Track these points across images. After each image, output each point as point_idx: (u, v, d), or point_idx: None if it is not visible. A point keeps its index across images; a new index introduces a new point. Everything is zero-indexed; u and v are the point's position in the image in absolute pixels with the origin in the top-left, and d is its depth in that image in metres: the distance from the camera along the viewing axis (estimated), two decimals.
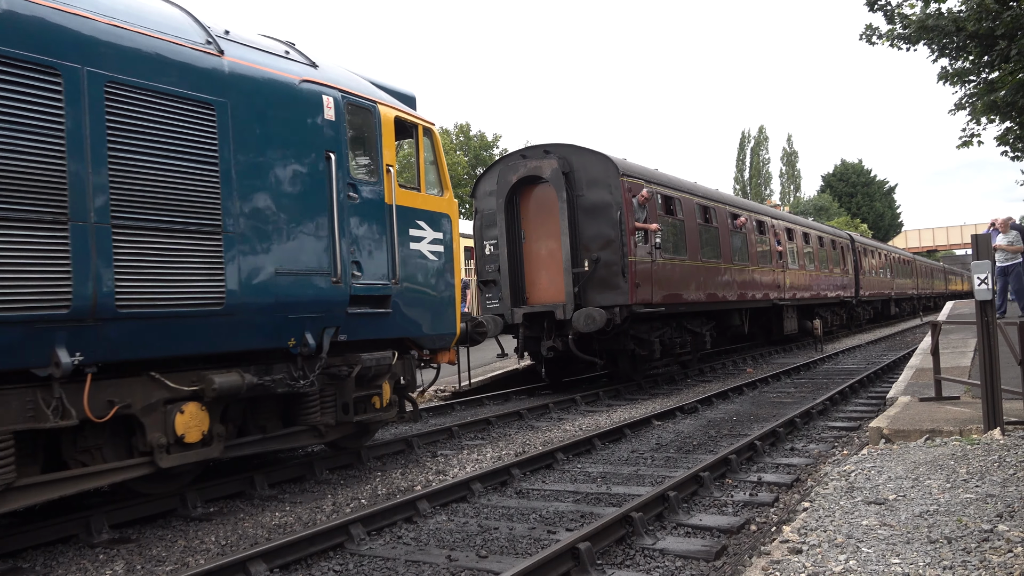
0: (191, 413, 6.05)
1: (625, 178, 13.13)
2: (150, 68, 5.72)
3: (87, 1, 5.51)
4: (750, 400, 12.22)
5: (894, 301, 37.78)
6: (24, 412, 5.13)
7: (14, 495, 5.14)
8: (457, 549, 5.24)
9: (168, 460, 5.98)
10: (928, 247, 74.26)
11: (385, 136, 7.77)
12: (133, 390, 5.77)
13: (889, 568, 3.85)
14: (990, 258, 7.03)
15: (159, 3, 6.45)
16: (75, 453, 5.76)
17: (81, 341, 5.22)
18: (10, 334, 4.87)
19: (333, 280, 6.99)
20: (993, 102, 14.53)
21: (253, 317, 6.34)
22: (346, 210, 7.18)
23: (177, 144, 5.84)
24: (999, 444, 6.24)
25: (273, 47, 7.15)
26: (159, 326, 5.70)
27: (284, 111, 6.71)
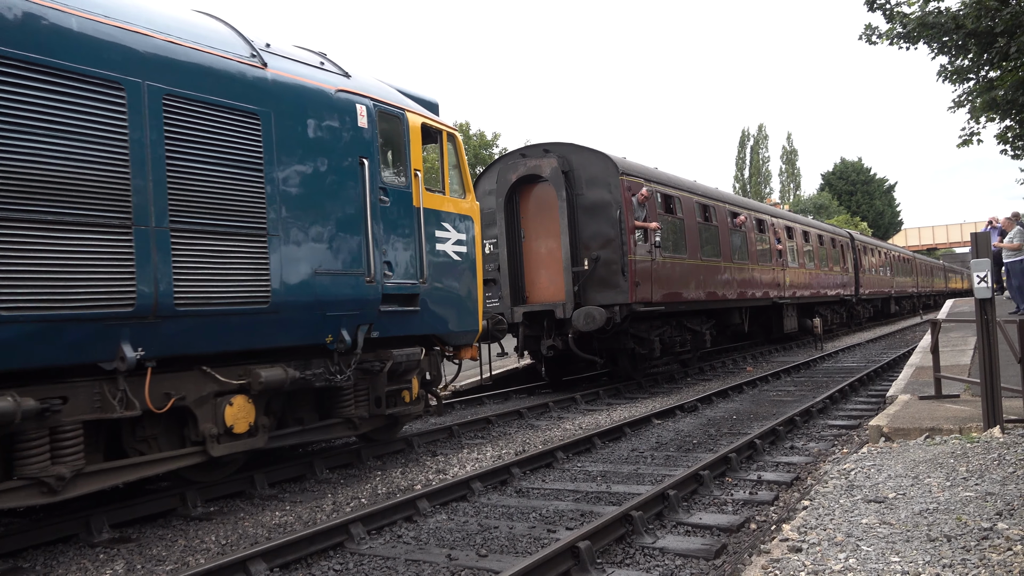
0: (239, 405, 6.46)
1: (625, 177, 13.13)
2: (202, 81, 6.12)
3: (146, 19, 5.91)
4: (750, 398, 12.22)
5: (894, 299, 37.78)
6: (92, 403, 5.51)
7: (84, 480, 5.54)
8: (457, 548, 5.24)
9: (219, 449, 6.37)
10: (928, 245, 74.24)
11: (413, 142, 8.14)
12: (186, 383, 6.15)
13: (889, 566, 3.85)
14: (990, 256, 7.02)
15: (206, 18, 6.88)
16: (134, 443, 6.15)
17: (143, 337, 5.61)
18: (81, 331, 5.25)
19: (367, 280, 7.34)
20: (993, 100, 14.53)
21: (295, 315, 6.71)
22: (378, 213, 7.54)
23: (227, 152, 6.22)
24: (999, 442, 6.24)
25: (309, 58, 7.51)
26: (212, 323, 6.07)
27: (322, 119, 7.08)
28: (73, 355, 5.31)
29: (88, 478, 5.61)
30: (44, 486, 5.30)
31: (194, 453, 6.31)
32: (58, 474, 5.31)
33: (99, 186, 5.34)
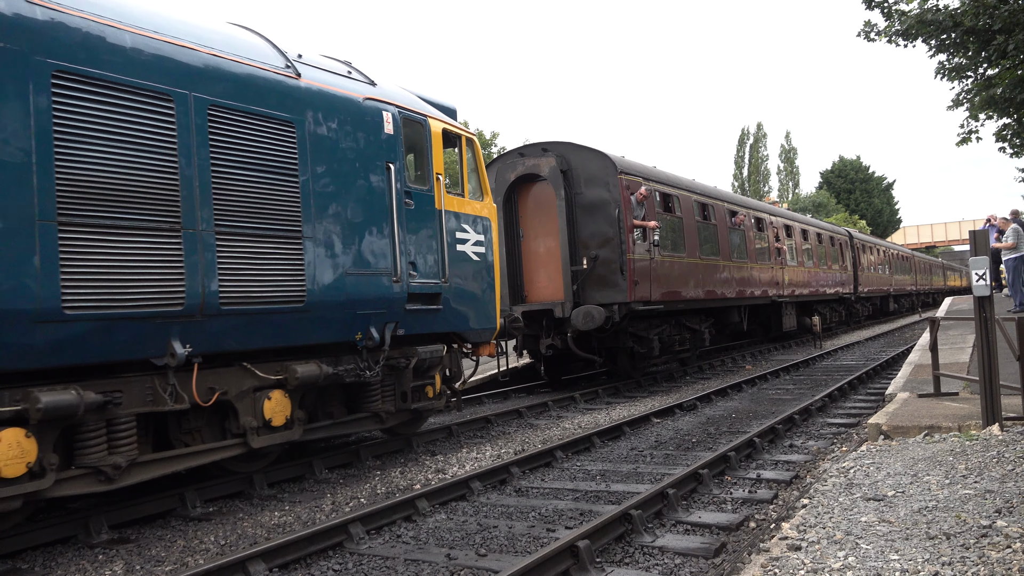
0: (277, 399, 6.78)
1: (623, 176, 13.13)
2: (243, 92, 6.44)
3: (190, 33, 6.24)
4: (749, 397, 12.22)
5: (893, 297, 37.80)
6: (144, 397, 5.85)
7: (136, 470, 5.87)
8: (456, 548, 5.24)
9: (258, 441, 6.68)
10: (927, 243, 74.27)
11: (435, 147, 8.48)
12: (228, 378, 6.46)
13: (888, 564, 3.85)
14: (988, 254, 7.02)
15: (243, 31, 7.22)
16: (179, 434, 6.47)
17: (191, 335, 5.93)
18: (136, 329, 5.59)
19: (393, 279, 7.68)
20: (991, 98, 14.52)
21: (328, 313, 7.04)
22: (403, 215, 7.87)
23: (265, 158, 6.55)
24: (998, 440, 6.24)
25: (337, 68, 7.80)
26: (252, 321, 6.41)
27: (351, 127, 7.40)
28: (128, 351, 5.63)
29: (141, 467, 5.93)
30: (102, 475, 5.60)
31: (235, 445, 6.62)
32: (115, 463, 5.62)
33: (152, 192, 5.67)
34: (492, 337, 9.60)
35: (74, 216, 5.19)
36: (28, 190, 4.97)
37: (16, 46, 5.01)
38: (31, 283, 4.96)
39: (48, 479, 5.25)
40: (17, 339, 4.96)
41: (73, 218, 5.19)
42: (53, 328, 5.10)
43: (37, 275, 4.98)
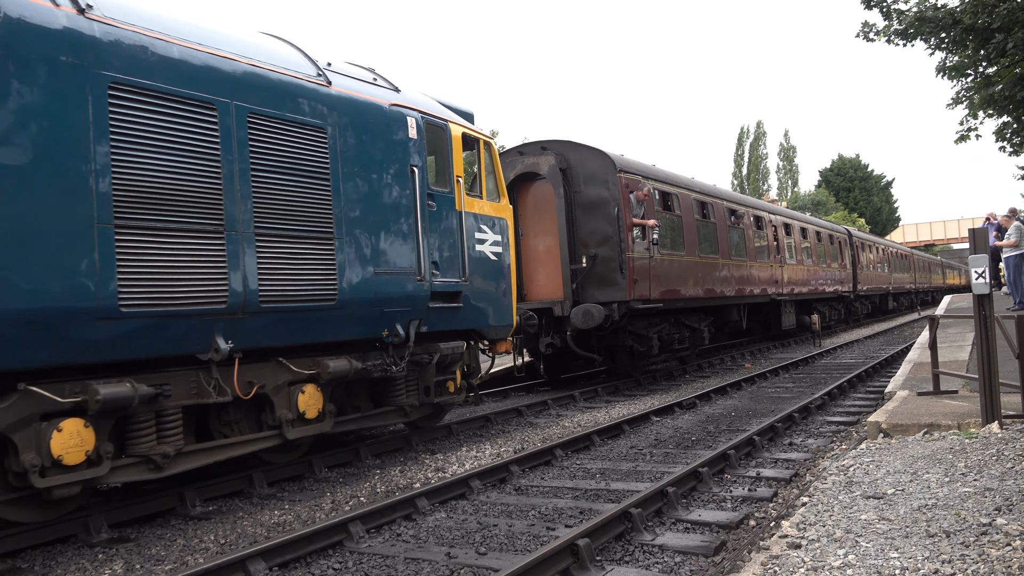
0: (310, 393, 7.09)
1: (622, 174, 13.12)
2: (279, 100, 6.78)
3: (230, 44, 6.57)
4: (748, 395, 12.23)
5: (892, 296, 37.80)
6: (190, 390, 6.18)
7: (182, 459, 6.20)
8: (456, 546, 5.24)
9: (293, 432, 7.00)
10: (926, 241, 74.30)
11: (455, 150, 8.83)
12: (265, 373, 6.78)
13: (888, 562, 3.85)
14: (988, 252, 7.02)
15: (276, 41, 7.54)
16: (219, 426, 6.77)
17: (233, 331, 6.25)
18: (184, 325, 5.91)
19: (418, 278, 8.02)
20: (990, 96, 14.51)
21: (357, 311, 7.37)
22: (427, 216, 8.22)
23: (299, 163, 6.88)
24: (997, 438, 6.24)
25: (363, 75, 8.15)
26: (289, 318, 6.74)
27: (378, 132, 7.75)
28: (176, 347, 5.95)
29: (186, 457, 6.26)
30: (151, 463, 5.95)
31: (272, 436, 6.94)
32: (164, 452, 5.97)
33: (198, 196, 6.00)
34: (509, 334, 9.91)
35: (129, 219, 5.53)
36: (88, 195, 5.31)
37: (77, 60, 5.33)
38: (91, 283, 5.28)
39: (104, 467, 5.61)
40: (79, 335, 5.27)
41: (128, 221, 5.52)
42: (111, 325, 5.43)
43: (96, 275, 5.31)
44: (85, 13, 5.47)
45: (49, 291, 5.08)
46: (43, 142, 5.12)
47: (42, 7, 5.25)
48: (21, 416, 5.17)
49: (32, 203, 5.03)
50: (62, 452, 5.26)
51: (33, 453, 5.19)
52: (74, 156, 5.25)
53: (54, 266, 5.11)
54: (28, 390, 5.20)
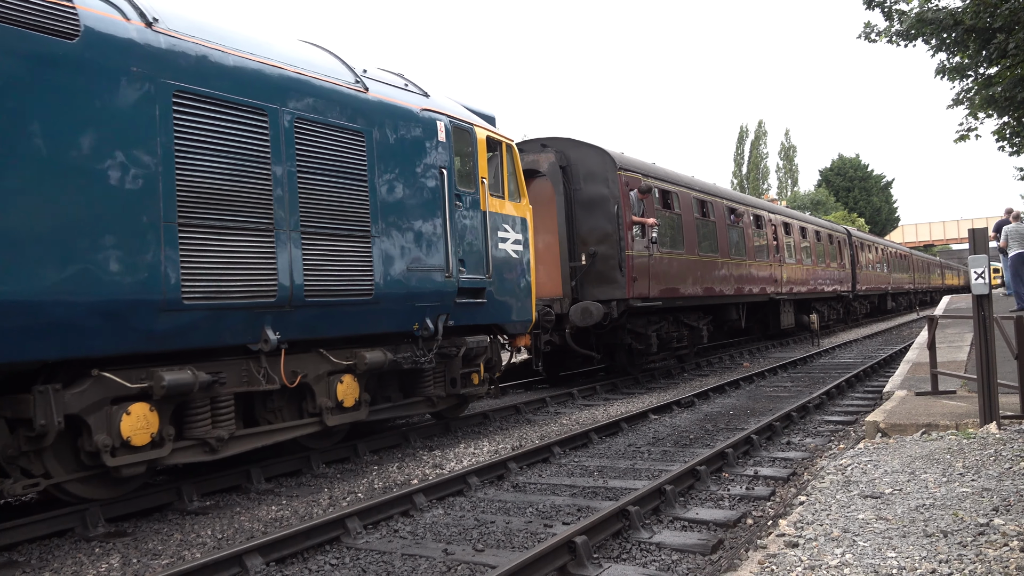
0: (348, 383, 7.52)
1: (622, 172, 13.11)
2: (322, 106, 7.17)
3: (277, 53, 6.95)
4: (747, 394, 12.23)
5: (891, 296, 37.82)
6: (241, 378, 6.58)
7: (234, 443, 6.60)
8: (454, 543, 5.24)
9: (332, 420, 7.42)
10: (925, 242, 74.34)
11: (480, 153, 9.25)
12: (307, 363, 7.16)
13: (885, 562, 3.85)
14: (987, 253, 7.01)
15: (316, 49, 7.91)
16: (264, 413, 7.15)
17: (280, 323, 6.64)
18: (239, 317, 6.30)
19: (446, 275, 8.42)
20: (991, 96, 14.51)
21: (391, 305, 7.78)
22: (454, 216, 8.64)
23: (340, 166, 7.26)
24: (995, 438, 6.24)
25: (395, 80, 8.54)
26: (330, 312, 7.14)
27: (411, 136, 8.15)
28: (231, 337, 6.33)
29: (237, 441, 6.63)
30: (207, 446, 6.36)
31: (312, 423, 7.34)
32: (218, 436, 6.37)
33: (250, 196, 6.37)
34: (528, 329, 10.32)
35: (190, 218, 5.92)
36: (156, 195, 5.71)
37: (146, 70, 5.73)
38: (158, 277, 5.68)
39: (166, 448, 6.06)
40: (146, 326, 5.68)
41: (190, 220, 5.91)
42: (174, 316, 5.82)
43: (163, 270, 5.71)
44: (152, 26, 5.88)
45: (121, 285, 5.47)
46: (117, 146, 5.51)
47: (116, 21, 5.65)
48: (94, 400, 5.60)
49: (107, 202, 5.42)
50: (130, 434, 5.71)
51: (105, 434, 5.63)
52: (144, 159, 5.66)
53: (126, 261, 5.51)
54: (101, 376, 5.63)
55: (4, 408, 5.38)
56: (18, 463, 5.50)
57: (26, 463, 5.54)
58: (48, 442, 5.46)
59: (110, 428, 5.66)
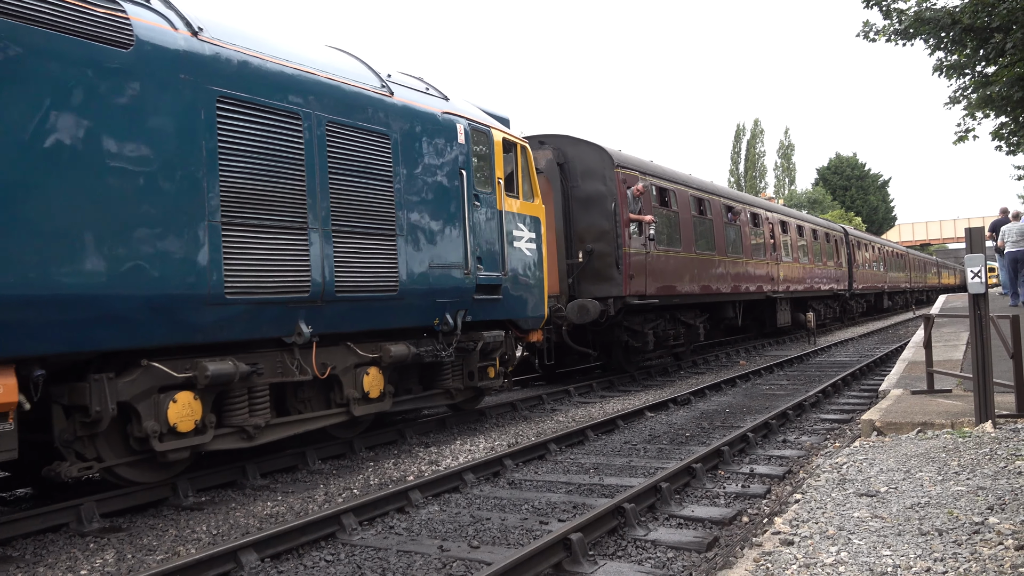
0: (373, 375, 7.83)
1: (620, 169, 13.10)
2: (351, 110, 7.46)
3: (308, 58, 7.26)
4: (743, 392, 12.24)
5: (887, 294, 37.88)
6: (276, 369, 6.89)
7: (269, 431, 6.91)
8: (449, 539, 5.23)
9: (359, 410, 7.76)
10: (921, 241, 74.44)
11: (497, 154, 9.57)
12: (336, 356, 7.47)
13: (880, 560, 3.85)
14: (984, 252, 7.01)
15: (343, 55, 8.24)
16: (295, 403, 7.45)
17: (313, 317, 6.94)
18: (276, 311, 6.62)
19: (464, 272, 8.74)
20: (988, 96, 14.53)
21: (415, 301, 8.09)
22: (473, 215, 8.96)
23: (367, 167, 7.57)
24: (990, 437, 6.25)
25: (417, 84, 8.89)
26: (358, 307, 7.45)
27: (432, 138, 8.47)
28: (268, 330, 6.66)
29: (271, 429, 6.94)
30: (244, 433, 6.66)
31: (340, 413, 7.65)
32: (255, 424, 6.67)
33: (286, 196, 6.68)
34: (541, 324, 10.65)
35: (232, 217, 6.21)
36: (202, 196, 5.99)
37: (193, 77, 6.04)
38: (203, 273, 5.97)
39: (208, 435, 6.35)
40: (191, 318, 5.97)
41: (232, 219, 6.20)
42: (218, 310, 6.13)
43: (208, 266, 6.00)
44: (198, 35, 6.19)
45: (171, 280, 5.78)
46: (167, 149, 5.80)
47: (166, 31, 5.96)
48: (144, 388, 5.93)
49: (159, 202, 5.72)
50: (177, 420, 6.03)
51: (153, 420, 5.95)
52: (192, 162, 5.95)
53: (175, 258, 5.81)
54: (150, 366, 5.94)
55: (61, 396, 5.67)
56: (73, 447, 5.82)
57: (80, 447, 5.86)
58: (102, 427, 5.77)
59: (158, 415, 5.97)
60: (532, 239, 10.30)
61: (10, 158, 4.92)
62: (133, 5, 5.83)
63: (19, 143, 4.97)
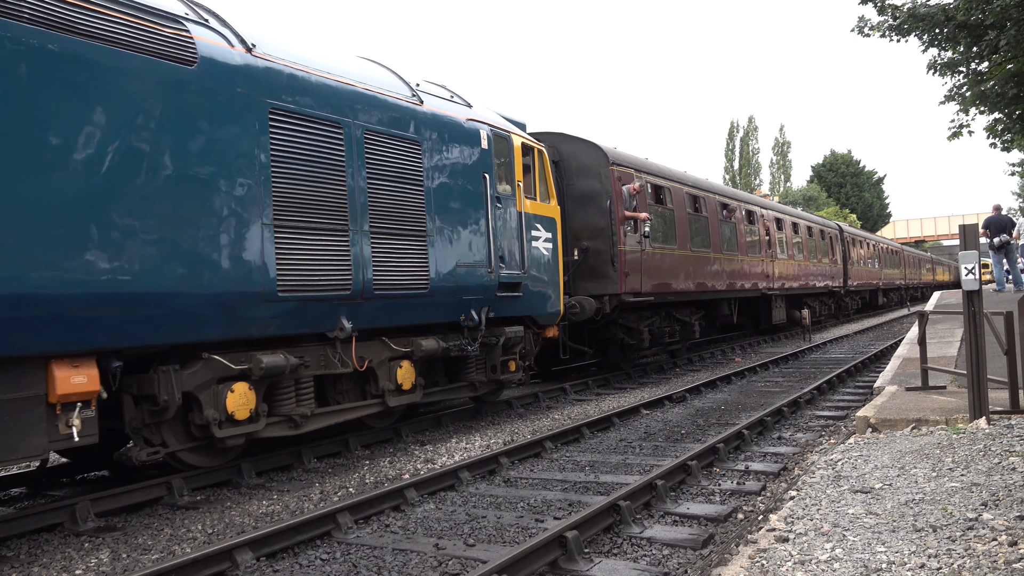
0: (406, 368, 8.29)
1: (615, 167, 13.10)
2: (386, 119, 7.92)
3: (345, 71, 7.69)
4: (738, 389, 12.26)
5: (882, 291, 37.95)
6: (320, 362, 7.34)
7: (313, 420, 7.37)
8: (445, 537, 5.23)
9: (393, 401, 8.21)
10: (916, 237, 74.56)
11: (516, 158, 10.07)
12: (372, 350, 7.92)
13: (875, 556, 3.86)
14: (978, 248, 7.03)
15: (375, 66, 8.68)
16: (334, 394, 7.92)
17: (353, 313, 7.41)
18: (321, 308, 7.08)
19: (488, 271, 9.19)
20: (982, 92, 14.54)
21: (443, 298, 8.53)
22: (495, 217, 9.41)
23: (401, 172, 8.03)
24: (984, 433, 6.27)
25: (442, 93, 9.37)
26: (393, 304, 7.90)
27: (458, 144, 8.95)
28: (314, 326, 7.12)
29: (315, 418, 7.39)
30: (292, 422, 7.13)
31: (376, 403, 8.12)
32: (302, 413, 7.13)
33: (330, 201, 7.12)
34: (557, 320, 11.08)
35: (283, 220, 6.65)
36: (257, 200, 6.45)
37: (249, 90, 6.50)
38: (259, 271, 6.42)
39: (261, 423, 6.83)
40: (249, 315, 6.43)
41: (283, 221, 6.65)
42: (271, 307, 6.57)
43: (263, 266, 6.45)
44: (252, 51, 6.66)
45: (231, 278, 6.22)
46: (228, 158, 6.25)
47: (225, 48, 6.44)
48: (205, 379, 6.39)
49: (220, 206, 6.16)
50: (234, 409, 6.49)
51: (213, 409, 6.40)
52: (248, 169, 6.40)
53: (235, 258, 6.25)
54: (211, 358, 6.39)
55: (132, 387, 6.14)
56: (142, 434, 6.33)
57: (148, 434, 6.36)
58: (169, 415, 6.25)
59: (217, 404, 6.43)
60: (549, 239, 10.71)
61: (97, 168, 5.38)
62: (195, 25, 6.32)
63: (104, 155, 5.43)
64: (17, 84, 4.99)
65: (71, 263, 5.19)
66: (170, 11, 6.16)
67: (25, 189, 4.99)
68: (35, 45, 5.09)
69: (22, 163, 4.99)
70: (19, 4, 5.02)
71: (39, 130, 5.09)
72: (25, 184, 5.00)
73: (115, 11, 5.63)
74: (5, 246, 4.86)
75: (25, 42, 5.03)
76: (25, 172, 5.00)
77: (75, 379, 5.31)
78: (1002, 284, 19.65)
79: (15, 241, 4.91)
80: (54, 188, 5.14)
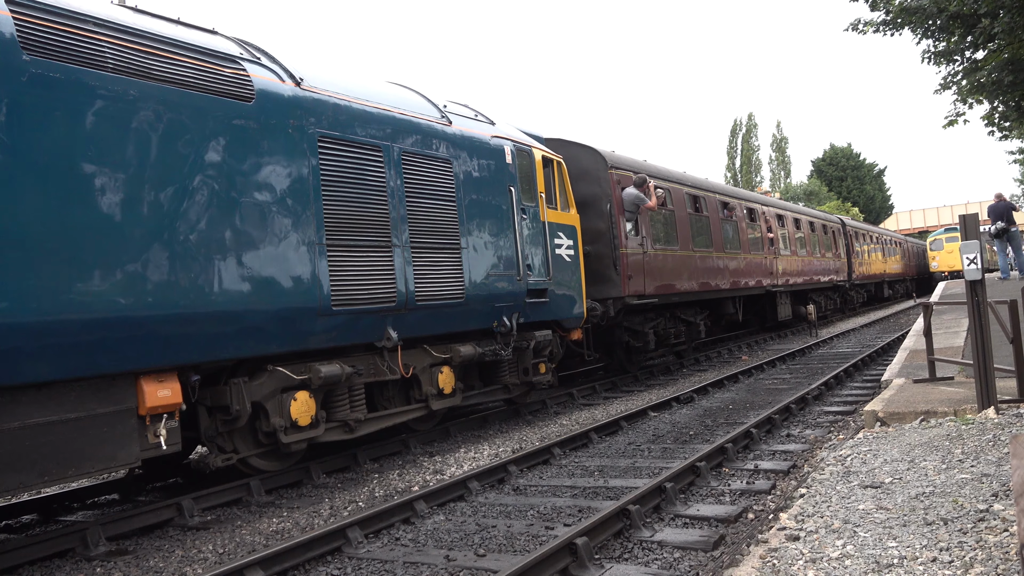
0: (447, 373, 8.76)
1: (614, 170, 13.11)
2: (420, 141, 8.43)
3: (382, 96, 8.26)
4: (746, 388, 12.23)
5: (887, 283, 37.86)
6: (370, 370, 7.77)
7: (365, 424, 7.84)
8: (455, 549, 5.22)
9: (436, 405, 8.70)
10: (919, 228, 74.34)
11: (538, 171, 10.57)
12: (415, 357, 8.38)
13: (886, 551, 3.85)
14: (979, 238, 7.01)
15: (405, 90, 9.22)
16: (381, 400, 8.35)
17: (398, 324, 7.89)
18: (370, 320, 7.55)
19: (517, 279, 9.68)
20: (978, 82, 14.52)
21: (478, 306, 9.03)
22: (522, 227, 9.93)
23: (436, 190, 8.55)
24: (993, 423, 6.25)
25: (467, 112, 9.94)
26: (432, 313, 8.36)
27: (485, 160, 9.48)
28: (364, 336, 7.57)
29: (367, 423, 7.86)
30: (347, 427, 7.59)
31: (420, 408, 8.57)
32: (356, 418, 7.60)
33: (374, 219, 7.63)
34: (580, 324, 11.45)
35: (334, 239, 7.15)
36: (311, 221, 6.94)
37: (300, 122, 6.99)
38: (315, 288, 6.91)
39: (320, 428, 7.26)
40: (307, 328, 6.90)
41: (333, 241, 7.14)
42: (326, 320, 7.04)
43: (318, 282, 6.94)
44: (300, 85, 7.14)
45: (292, 295, 6.71)
46: (284, 184, 6.75)
47: (276, 84, 6.93)
48: (270, 389, 6.83)
49: (278, 229, 6.65)
50: (297, 416, 6.93)
51: (279, 417, 6.85)
52: (302, 193, 6.89)
53: (294, 276, 6.74)
54: (275, 370, 6.85)
55: (207, 398, 6.60)
56: (216, 442, 6.78)
57: (220, 441, 6.82)
58: (240, 424, 6.71)
59: (282, 412, 6.86)
60: (571, 246, 11.17)
61: (179, 200, 5.91)
62: (249, 63, 6.83)
63: (184, 188, 5.96)
64: (111, 127, 5.53)
65: (159, 286, 5.70)
66: (228, 52, 6.70)
67: (126, 224, 5.54)
68: (118, 91, 5.62)
69: (121, 200, 5.52)
70: (104, 56, 5.59)
71: (125, 169, 5.59)
72: (126, 219, 5.54)
73: (183, 56, 6.22)
74: (104, 274, 5.36)
75: (112, 89, 5.58)
76: (126, 209, 5.55)
77: (161, 392, 5.79)
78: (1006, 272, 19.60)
79: (112, 269, 5.42)
80: (147, 222, 5.67)
